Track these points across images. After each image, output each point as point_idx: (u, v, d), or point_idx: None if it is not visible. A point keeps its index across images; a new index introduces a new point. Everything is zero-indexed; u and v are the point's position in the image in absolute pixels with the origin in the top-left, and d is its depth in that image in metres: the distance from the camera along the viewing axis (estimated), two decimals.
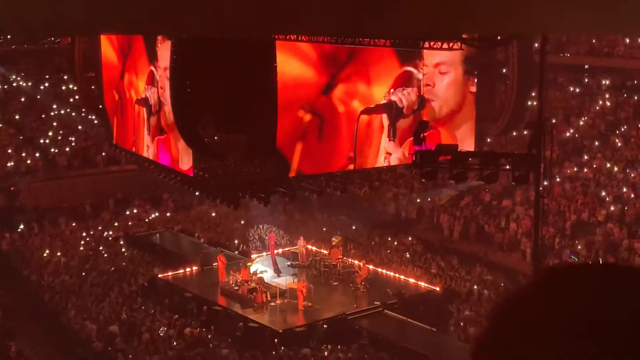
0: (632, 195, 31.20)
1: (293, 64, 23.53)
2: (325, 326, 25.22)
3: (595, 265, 1.13)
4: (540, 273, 1.12)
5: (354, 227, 34.53)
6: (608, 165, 33.75)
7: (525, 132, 29.08)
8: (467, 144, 25.45)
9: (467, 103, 26.38)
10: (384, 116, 25.38)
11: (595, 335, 1.00)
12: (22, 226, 34.29)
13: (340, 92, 24.57)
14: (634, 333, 0.99)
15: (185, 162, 25.82)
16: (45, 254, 31.20)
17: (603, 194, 31.91)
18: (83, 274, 29.39)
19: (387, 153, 25.64)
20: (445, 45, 22.59)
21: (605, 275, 1.09)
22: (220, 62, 23.15)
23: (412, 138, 20.74)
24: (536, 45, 25.87)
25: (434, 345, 23.99)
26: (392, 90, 25.22)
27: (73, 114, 41.17)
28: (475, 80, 26.12)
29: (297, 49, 23.48)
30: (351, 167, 25.31)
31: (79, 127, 41.03)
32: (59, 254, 31.57)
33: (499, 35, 21.37)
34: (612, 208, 30.72)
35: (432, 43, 22.47)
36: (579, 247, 28.97)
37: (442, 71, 25.68)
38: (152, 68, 26.53)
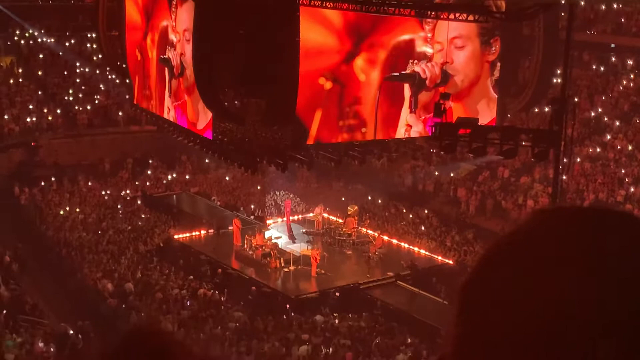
0: None
1: (316, 31, 23.38)
2: (337, 294, 25.36)
3: (585, 208, 1.11)
4: (529, 216, 1.10)
5: (370, 198, 34.53)
6: (630, 146, 33.43)
7: (546, 109, 28.86)
8: (485, 117, 25.21)
9: (484, 73, 26.08)
10: (406, 87, 25.17)
11: (583, 277, 1.00)
12: (41, 182, 34.54)
13: (362, 60, 24.40)
14: (622, 277, 0.99)
15: (202, 123, 25.82)
16: (62, 212, 31.45)
17: (623, 173, 31.66)
18: (100, 231, 29.65)
19: (408, 125, 25.48)
20: (470, 17, 22.34)
21: (596, 217, 1.07)
22: (243, 25, 23.07)
23: (431, 113, 20.64)
24: (562, 21, 25.53)
25: (445, 317, 23.99)
26: (415, 60, 25.01)
27: (96, 72, 41.21)
28: (492, 49, 25.77)
29: (321, 16, 23.30)
30: (370, 137, 25.22)
31: (101, 86, 41.09)
32: (77, 210, 31.83)
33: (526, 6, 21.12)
34: (632, 190, 30.49)
35: (457, 14, 22.22)
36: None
37: (458, 45, 25.31)
38: (171, 31, 26.48)
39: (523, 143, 19.32)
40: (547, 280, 1.01)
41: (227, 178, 36.16)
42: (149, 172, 37.20)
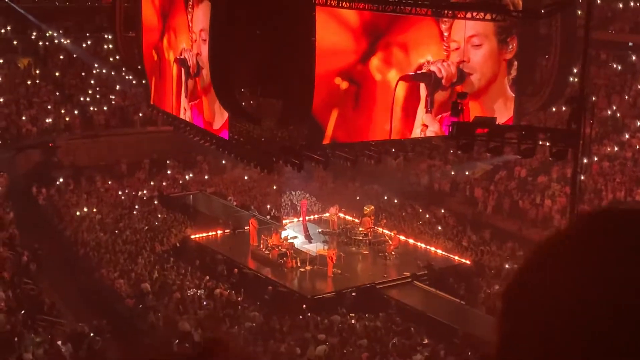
0: None
1: (332, 31, 23.36)
2: (353, 294, 25.32)
3: (630, 210, 1.08)
4: (579, 218, 1.09)
5: (386, 197, 34.47)
6: None
7: (564, 109, 28.68)
8: (502, 116, 25.10)
9: (501, 72, 25.96)
10: (422, 86, 25.11)
11: (629, 281, 0.97)
12: (58, 182, 34.74)
13: (378, 60, 24.36)
14: None
15: (218, 123, 25.87)
16: (78, 213, 31.61)
17: None
18: (117, 231, 29.78)
19: (424, 125, 25.41)
20: (487, 16, 22.25)
21: None
22: (259, 25, 23.10)
23: (447, 113, 20.56)
24: (580, 20, 25.37)
25: (462, 318, 23.97)
26: (431, 59, 24.93)
27: (112, 73, 41.42)
28: (509, 48, 25.64)
29: (337, 15, 23.28)
30: (386, 137, 25.17)
31: (118, 87, 41.30)
32: (94, 210, 31.99)
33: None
34: None
35: (474, 13, 22.14)
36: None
37: (475, 44, 25.20)
38: (188, 31, 26.56)
39: (541, 142, 19.22)
40: (592, 283, 0.99)
41: (245, 178, 36.19)
42: (168, 172, 37.34)
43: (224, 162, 36.97)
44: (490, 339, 1.08)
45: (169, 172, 37.50)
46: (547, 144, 19.08)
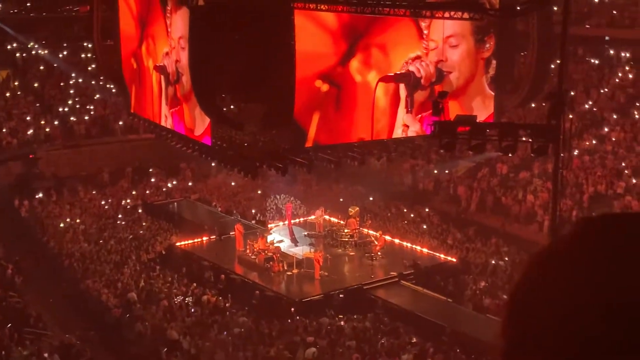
0: None
1: (311, 34, 23.42)
2: (341, 296, 25.38)
3: (630, 214, 1.11)
4: (578, 223, 1.11)
5: (371, 198, 34.56)
6: (627, 137, 33.47)
7: (543, 104, 28.89)
8: (481, 114, 25.25)
9: (479, 70, 26.13)
10: (402, 87, 25.23)
11: (630, 284, 1.00)
12: (40, 194, 34.55)
13: (357, 62, 24.45)
14: None
15: (200, 129, 25.84)
16: (62, 224, 31.43)
17: (622, 165, 31.72)
18: (101, 241, 29.65)
19: (405, 125, 25.53)
20: (465, 15, 22.38)
21: None
22: (238, 30, 23.12)
23: (427, 112, 20.66)
24: (556, 16, 25.57)
25: (449, 315, 24.09)
26: (410, 60, 25.05)
27: (92, 82, 41.25)
28: (486, 46, 25.82)
29: (316, 18, 23.35)
30: (367, 138, 25.25)
31: (97, 96, 41.13)
32: (77, 221, 31.84)
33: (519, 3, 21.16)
34: (634, 181, 30.54)
35: (451, 13, 22.27)
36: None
37: (452, 44, 25.38)
38: (166, 38, 26.52)
39: (522, 139, 19.35)
40: (596, 286, 1.01)
41: (233, 183, 36.15)
42: (152, 180, 37.22)
43: (207, 168, 36.89)
44: (495, 344, 1.10)
45: (152, 180, 37.38)
46: (528, 140, 19.21)
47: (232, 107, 25.89)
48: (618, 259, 1.02)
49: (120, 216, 32.69)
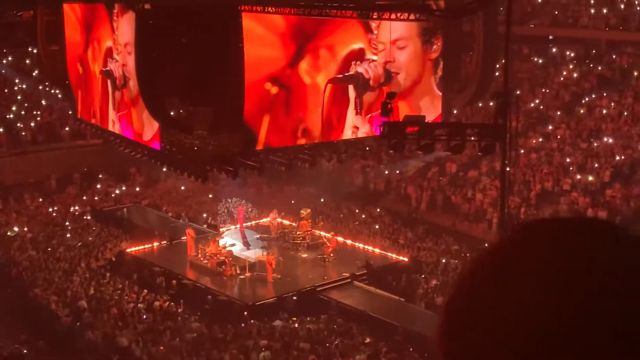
0: (596, 165, 31.66)
1: (259, 36, 23.36)
2: (294, 298, 25.38)
3: (566, 219, 1.11)
4: (511, 229, 1.11)
5: (322, 200, 34.63)
6: (572, 135, 34.14)
7: (490, 103, 29.29)
8: (430, 114, 25.49)
9: (427, 71, 26.37)
10: (351, 88, 25.32)
11: (574, 292, 1.00)
12: None
13: (306, 64, 24.46)
14: (608, 283, 1.00)
15: (148, 134, 25.59)
16: (9, 233, 30.83)
17: (567, 162, 32.34)
18: (50, 249, 29.17)
19: (355, 127, 25.63)
20: (411, 17, 22.59)
21: (578, 228, 1.08)
22: (186, 34, 22.96)
23: (376, 113, 20.76)
24: (501, 16, 25.94)
25: (401, 315, 24.28)
26: (358, 62, 25.16)
27: (37, 88, 40.55)
28: (434, 47, 26.07)
29: (264, 21, 23.30)
30: (317, 140, 25.28)
31: (43, 102, 40.45)
32: (25, 229, 31.27)
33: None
34: (578, 177, 31.16)
35: (398, 14, 22.44)
36: (545, 216, 29.35)
37: (400, 46, 25.59)
38: (112, 42, 26.21)
39: (470, 138, 19.58)
40: (532, 294, 1.01)
41: (182, 188, 35.86)
42: (98, 185, 36.73)
43: (157, 172, 36.55)
44: (434, 352, 1.10)
45: (101, 185, 36.87)
46: (476, 139, 19.44)
47: (181, 111, 25.68)
48: (553, 264, 1.02)
49: (68, 223, 32.19)
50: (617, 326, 0.98)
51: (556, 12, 39.78)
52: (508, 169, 18.76)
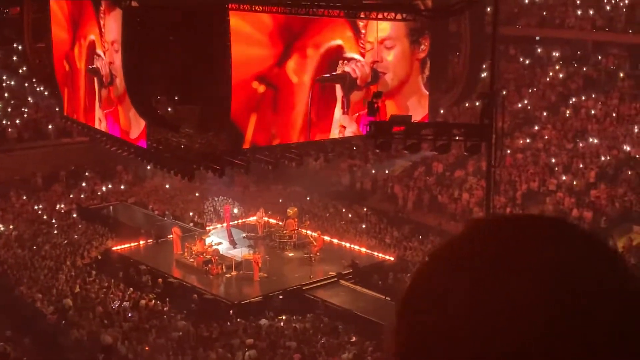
0: (581, 165, 31.84)
1: (247, 35, 23.35)
2: (280, 297, 25.38)
3: (519, 216, 1.13)
4: (464, 226, 1.12)
5: (309, 199, 34.65)
6: (558, 135, 34.32)
7: (477, 103, 29.41)
8: (417, 113, 25.57)
9: (414, 71, 26.45)
10: (338, 87, 25.36)
11: (518, 288, 1.01)
12: None
13: (294, 63, 24.48)
14: (553, 278, 1.01)
15: (135, 132, 25.54)
16: None
17: (553, 162, 32.50)
18: (35, 247, 29.05)
19: (342, 126, 25.66)
20: (398, 17, 22.65)
21: (530, 226, 1.09)
22: (173, 32, 22.92)
23: (363, 112, 20.81)
24: (488, 17, 26.05)
25: (387, 314, 24.28)
26: (345, 61, 25.20)
27: (24, 85, 40.36)
28: (421, 47, 26.15)
29: (251, 19, 23.30)
30: (304, 139, 25.30)
31: (29, 99, 40.27)
32: (10, 227, 31.13)
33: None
34: (564, 177, 31.32)
35: (385, 14, 22.50)
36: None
37: (387, 46, 25.64)
38: (99, 40, 26.14)
39: (456, 138, 19.66)
40: (484, 291, 1.02)
41: (167, 186, 35.79)
42: (85, 183, 36.60)
43: (144, 170, 36.47)
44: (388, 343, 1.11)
45: (84, 184, 36.72)
46: (462, 139, 19.52)
47: (168, 109, 25.64)
48: (502, 262, 1.04)
49: (54, 221, 32.07)
50: (553, 324, 0.99)
51: (543, 13, 39.97)
52: (494, 169, 18.85)
